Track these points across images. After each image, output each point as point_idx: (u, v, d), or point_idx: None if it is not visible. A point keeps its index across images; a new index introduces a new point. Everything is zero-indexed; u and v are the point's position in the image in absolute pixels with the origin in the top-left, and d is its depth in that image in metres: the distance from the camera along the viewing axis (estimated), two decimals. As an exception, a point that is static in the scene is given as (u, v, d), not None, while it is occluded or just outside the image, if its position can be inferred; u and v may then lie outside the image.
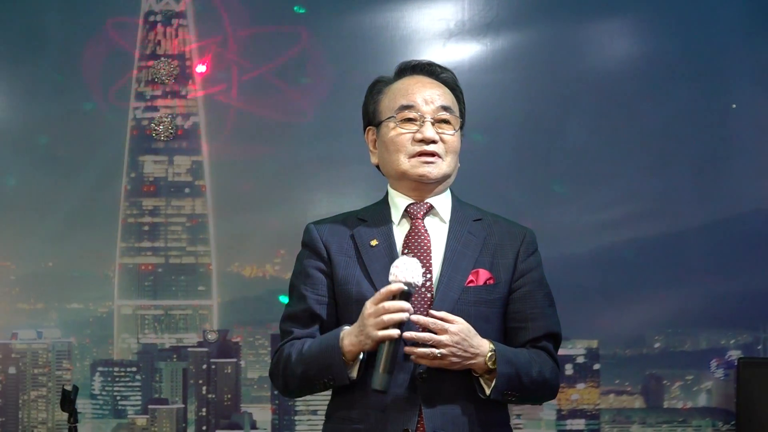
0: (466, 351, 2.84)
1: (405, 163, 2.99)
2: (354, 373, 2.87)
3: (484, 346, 2.87)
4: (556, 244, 5.22)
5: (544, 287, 3.05)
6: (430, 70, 3.07)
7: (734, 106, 5.36)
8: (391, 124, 3.00)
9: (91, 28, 5.44)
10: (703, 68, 5.35)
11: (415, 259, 2.87)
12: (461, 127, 3.06)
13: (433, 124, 2.98)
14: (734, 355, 5.33)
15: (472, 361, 2.86)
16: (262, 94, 5.41)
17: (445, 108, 2.99)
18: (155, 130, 5.47)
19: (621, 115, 5.37)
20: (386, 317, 2.80)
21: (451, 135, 2.99)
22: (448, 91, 3.05)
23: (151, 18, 5.49)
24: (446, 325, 2.84)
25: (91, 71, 5.43)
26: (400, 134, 2.99)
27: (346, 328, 2.90)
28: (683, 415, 5.40)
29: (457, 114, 3.04)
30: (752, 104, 5.36)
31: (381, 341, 2.81)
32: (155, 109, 5.48)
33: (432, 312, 2.87)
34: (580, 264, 5.32)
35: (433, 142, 2.96)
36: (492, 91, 5.32)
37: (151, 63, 5.47)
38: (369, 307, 2.82)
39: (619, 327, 5.39)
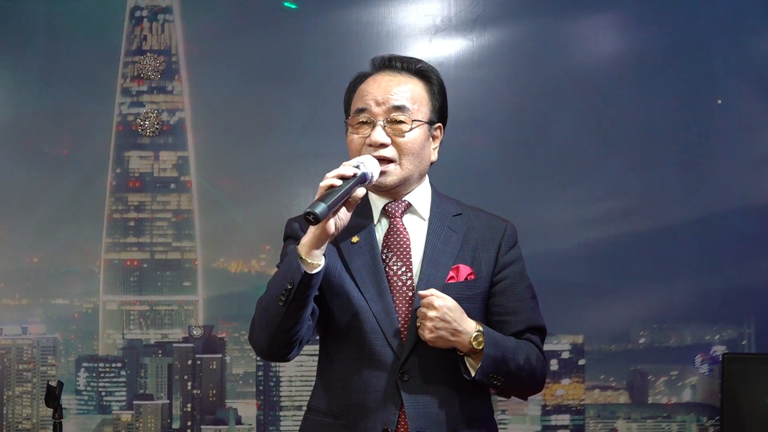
0: (449, 325, 2.82)
1: None
2: (308, 269, 2.73)
3: (471, 326, 2.85)
4: (541, 239, 5.24)
5: (525, 280, 3.05)
6: (390, 65, 2.97)
7: (720, 101, 5.37)
8: (349, 128, 2.96)
9: (77, 24, 5.42)
10: (688, 64, 5.36)
11: (376, 160, 2.84)
12: (438, 120, 3.00)
13: (386, 126, 2.90)
14: (719, 350, 5.34)
15: (457, 339, 2.84)
16: (249, 90, 5.41)
17: (397, 108, 2.89)
18: (141, 125, 5.46)
19: (607, 110, 5.37)
20: (329, 174, 2.75)
21: (404, 136, 2.90)
22: (412, 86, 2.94)
23: (137, 13, 5.48)
24: (432, 300, 2.83)
25: (77, 67, 5.41)
26: (354, 139, 2.93)
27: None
28: (668, 411, 5.41)
29: (423, 109, 2.95)
30: (738, 100, 5.36)
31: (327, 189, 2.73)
32: (141, 104, 5.47)
33: (420, 293, 2.85)
34: (566, 260, 5.32)
35: (383, 145, 2.89)
36: (478, 87, 5.32)
37: (137, 59, 5.47)
38: None
39: (604, 323, 5.39)
